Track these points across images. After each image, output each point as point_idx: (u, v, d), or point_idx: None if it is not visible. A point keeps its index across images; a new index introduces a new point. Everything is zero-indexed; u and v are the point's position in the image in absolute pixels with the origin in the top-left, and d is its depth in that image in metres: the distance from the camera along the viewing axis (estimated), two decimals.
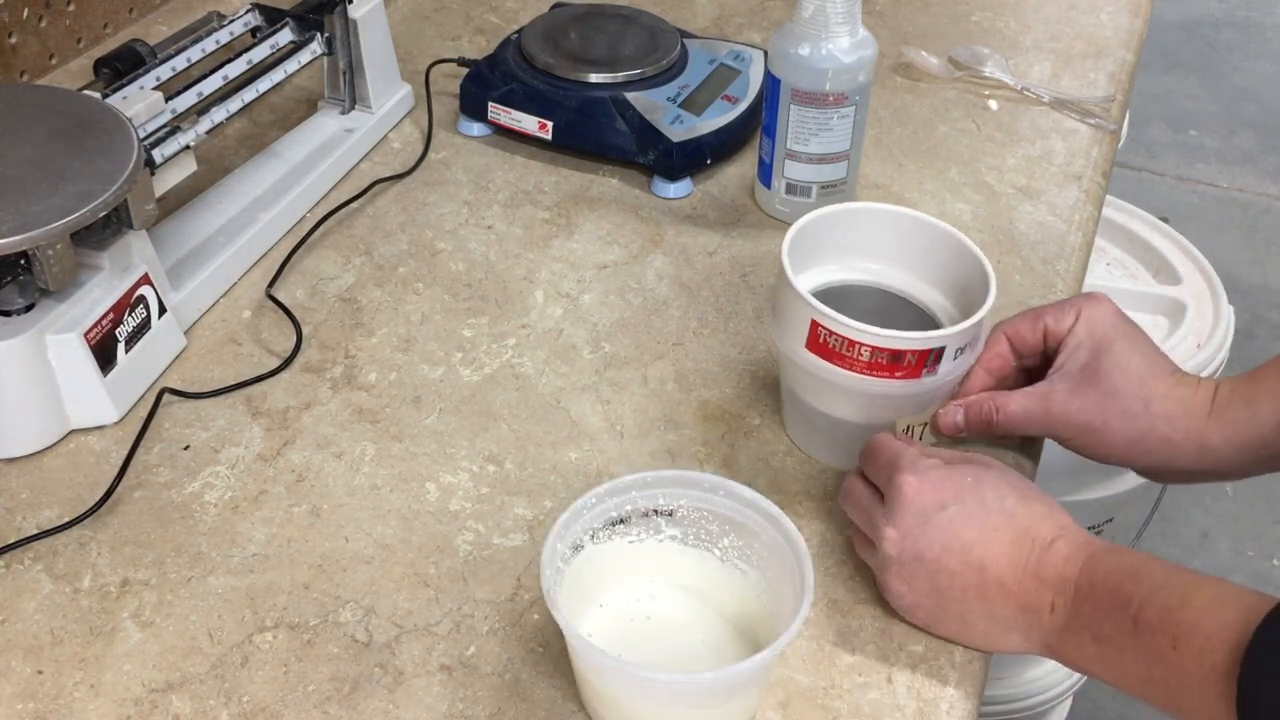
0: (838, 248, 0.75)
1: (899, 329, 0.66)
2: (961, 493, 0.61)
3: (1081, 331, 0.69)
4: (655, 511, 0.62)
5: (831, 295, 0.73)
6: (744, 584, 0.63)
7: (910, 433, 0.71)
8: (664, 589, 0.64)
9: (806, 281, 0.73)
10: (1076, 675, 1.57)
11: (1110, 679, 0.57)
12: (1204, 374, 1.43)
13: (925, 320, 0.74)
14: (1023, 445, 0.75)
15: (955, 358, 0.67)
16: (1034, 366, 0.72)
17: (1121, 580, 0.56)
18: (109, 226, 0.75)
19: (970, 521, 0.60)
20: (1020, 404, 0.69)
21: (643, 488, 0.61)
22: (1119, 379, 0.67)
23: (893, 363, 0.66)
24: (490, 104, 0.99)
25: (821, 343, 0.67)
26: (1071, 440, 0.70)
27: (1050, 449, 0.76)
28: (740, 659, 0.56)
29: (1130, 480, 1.47)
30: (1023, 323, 0.71)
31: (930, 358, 0.66)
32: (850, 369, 0.67)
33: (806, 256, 0.73)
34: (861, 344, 0.66)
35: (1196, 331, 1.45)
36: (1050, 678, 1.54)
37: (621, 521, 0.62)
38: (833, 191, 0.91)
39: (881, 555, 0.61)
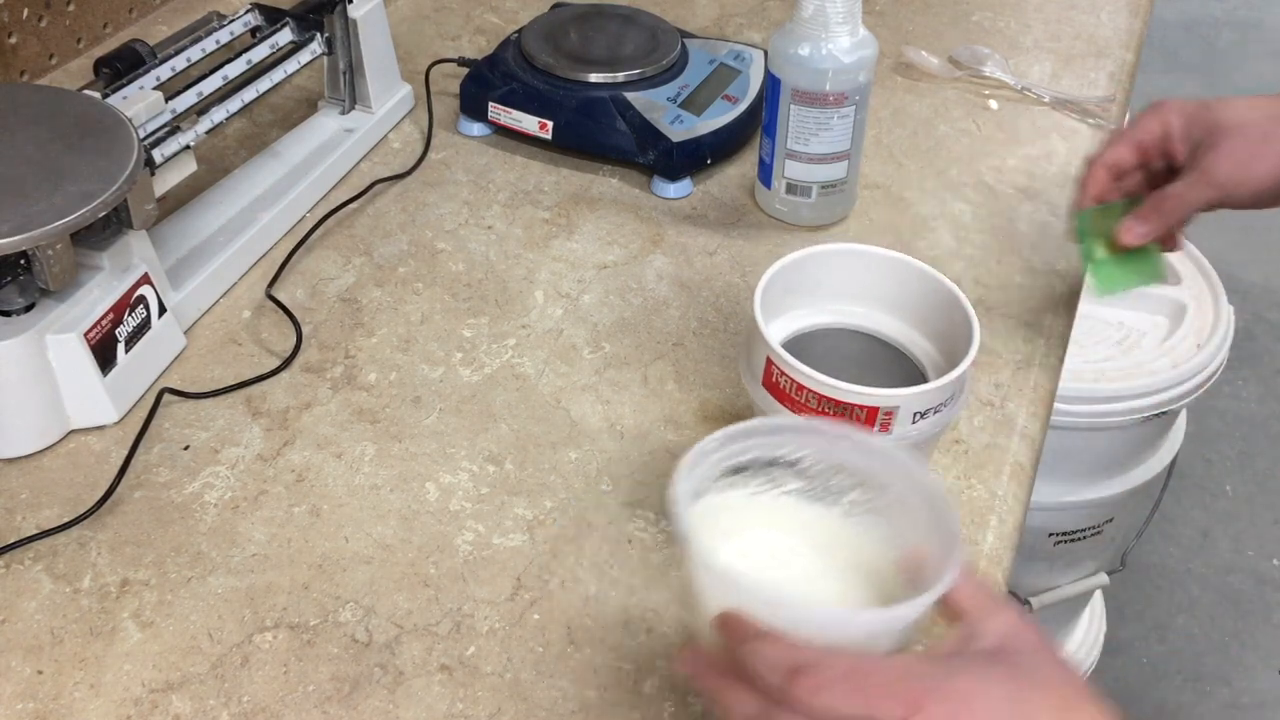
0: (830, 290, 0.72)
1: (880, 380, 0.62)
2: None
3: (1176, 122, 0.75)
4: (778, 462, 0.58)
5: (818, 337, 0.71)
6: (872, 540, 0.58)
7: None
8: (786, 544, 0.59)
9: (795, 320, 0.71)
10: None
11: None
12: (1204, 372, 1.44)
13: (912, 373, 0.70)
14: (1022, 442, 0.75)
15: (915, 420, 0.63)
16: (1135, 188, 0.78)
17: None
18: (109, 226, 0.75)
19: None
20: (1188, 182, 0.74)
21: (766, 434, 0.57)
22: (1239, 117, 0.74)
23: (839, 415, 0.63)
24: (490, 104, 0.99)
25: (774, 382, 0.65)
26: (1239, 190, 0.74)
27: (1048, 450, 0.76)
28: None
29: (1130, 480, 1.47)
30: (1115, 151, 0.77)
31: (880, 416, 0.63)
32: (799, 414, 0.64)
33: (797, 296, 0.71)
34: (809, 390, 0.63)
35: (1196, 331, 1.45)
36: None
37: (742, 470, 0.58)
38: (833, 191, 0.91)
39: None
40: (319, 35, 0.94)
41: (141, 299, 0.76)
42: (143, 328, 0.76)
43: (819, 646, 0.48)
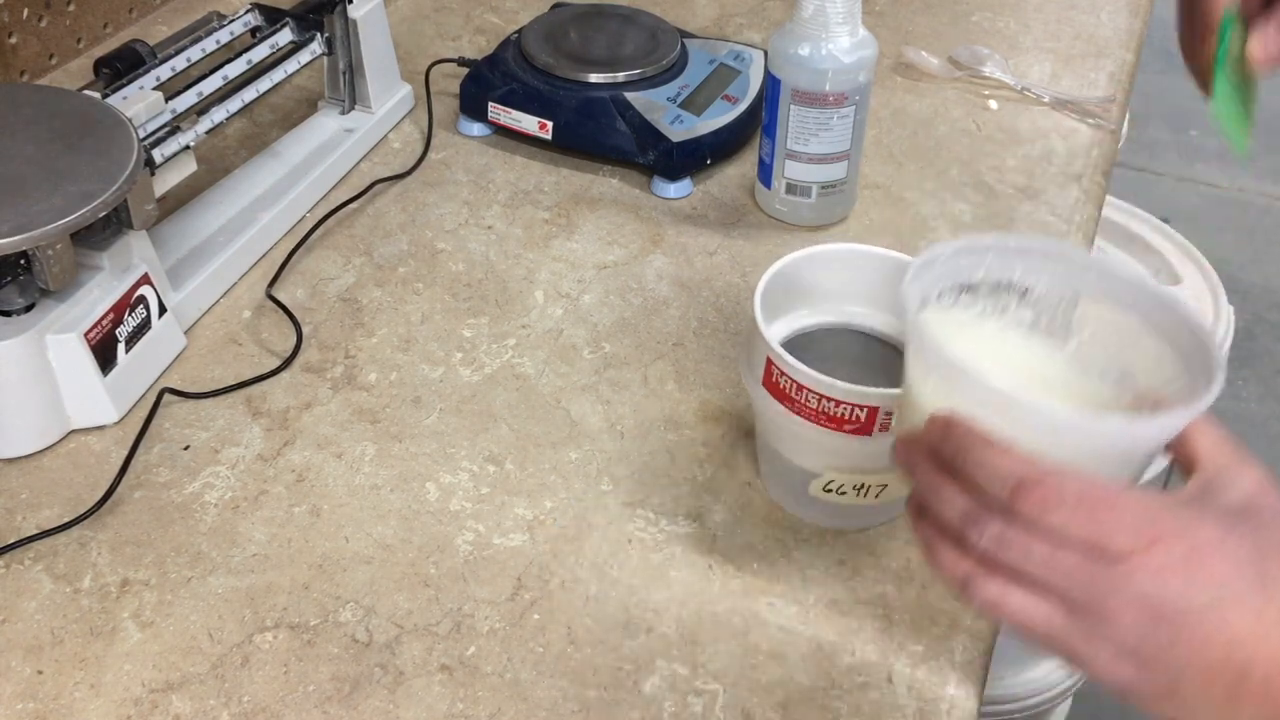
0: (830, 290, 0.72)
1: (880, 380, 0.61)
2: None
3: None
4: (1009, 286, 0.53)
5: (818, 337, 0.71)
6: (1104, 385, 0.52)
7: (832, 489, 0.66)
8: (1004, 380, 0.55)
9: (795, 320, 0.71)
10: (1077, 674, 1.58)
11: None
12: None
13: None
14: None
15: None
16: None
17: None
18: (109, 226, 0.75)
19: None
20: None
21: (1002, 252, 0.53)
22: None
23: (840, 415, 0.62)
24: (490, 104, 0.99)
25: (774, 382, 0.65)
26: None
27: None
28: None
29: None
30: None
31: (880, 416, 0.62)
32: (800, 414, 0.64)
33: (797, 296, 0.71)
34: (809, 390, 0.63)
35: None
36: (1050, 678, 1.54)
37: (968, 290, 0.53)
38: (833, 191, 0.91)
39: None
40: (319, 35, 0.94)
41: (141, 299, 0.76)
42: (143, 328, 0.76)
43: (1047, 463, 0.44)
